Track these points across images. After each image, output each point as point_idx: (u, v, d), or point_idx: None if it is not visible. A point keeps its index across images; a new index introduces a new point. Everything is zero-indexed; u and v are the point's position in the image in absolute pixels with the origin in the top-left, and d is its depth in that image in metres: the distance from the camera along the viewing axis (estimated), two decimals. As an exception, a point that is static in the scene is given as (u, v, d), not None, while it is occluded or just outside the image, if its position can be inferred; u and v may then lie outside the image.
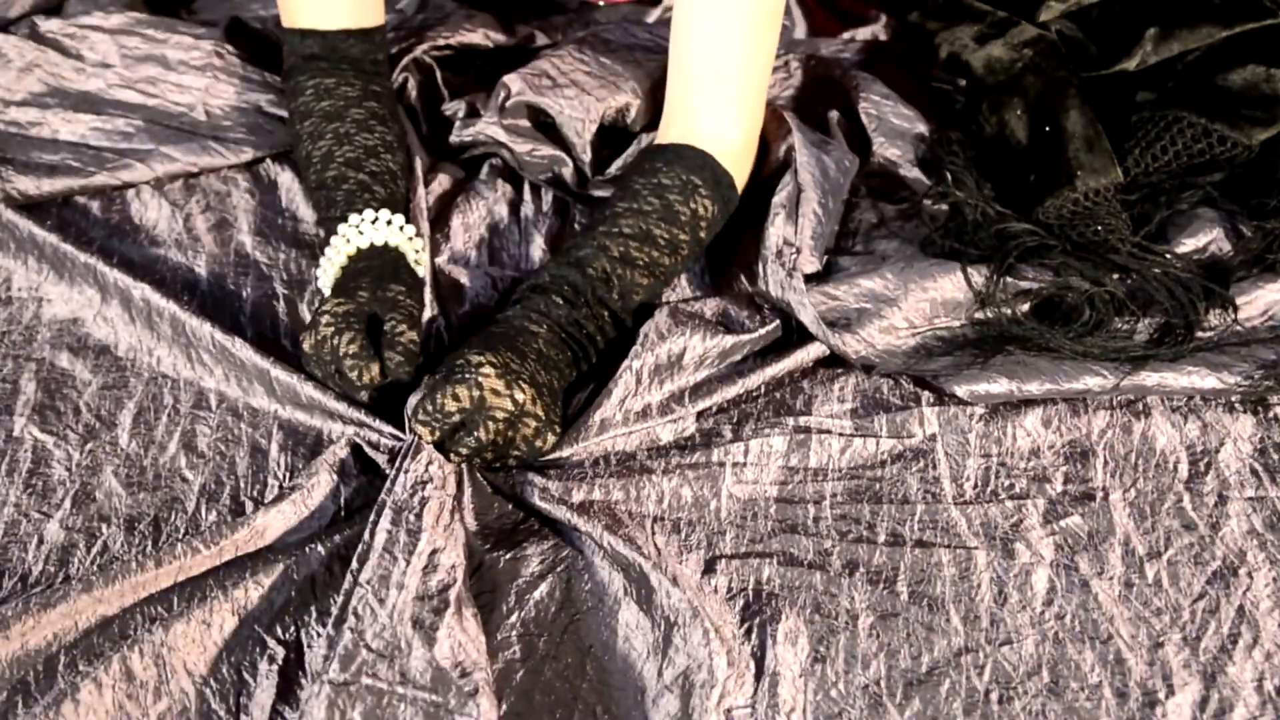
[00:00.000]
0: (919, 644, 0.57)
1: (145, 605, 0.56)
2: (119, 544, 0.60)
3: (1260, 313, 0.72)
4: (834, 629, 0.57)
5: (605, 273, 0.68)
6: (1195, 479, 0.65)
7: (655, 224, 0.71)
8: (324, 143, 0.76)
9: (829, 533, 0.61)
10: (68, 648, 0.54)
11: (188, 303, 0.71)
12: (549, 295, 0.67)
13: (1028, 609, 0.58)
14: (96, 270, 0.72)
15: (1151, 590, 0.59)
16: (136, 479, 0.64)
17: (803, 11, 1.02)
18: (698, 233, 0.72)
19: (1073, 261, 0.73)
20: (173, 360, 0.70)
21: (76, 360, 0.70)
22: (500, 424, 0.61)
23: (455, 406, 0.60)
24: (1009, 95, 0.84)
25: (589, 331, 0.68)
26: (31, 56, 0.89)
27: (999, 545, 0.61)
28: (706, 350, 0.68)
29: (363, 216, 0.71)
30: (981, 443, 0.66)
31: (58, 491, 0.63)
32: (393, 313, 0.65)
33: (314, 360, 0.65)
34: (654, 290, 0.72)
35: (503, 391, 0.61)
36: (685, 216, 0.72)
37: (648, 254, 0.70)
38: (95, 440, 0.66)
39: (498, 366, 0.61)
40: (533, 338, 0.65)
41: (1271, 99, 0.79)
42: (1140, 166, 0.79)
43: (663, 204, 0.71)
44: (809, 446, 0.65)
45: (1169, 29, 0.83)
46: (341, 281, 0.69)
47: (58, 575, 0.59)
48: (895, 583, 0.59)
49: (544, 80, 0.83)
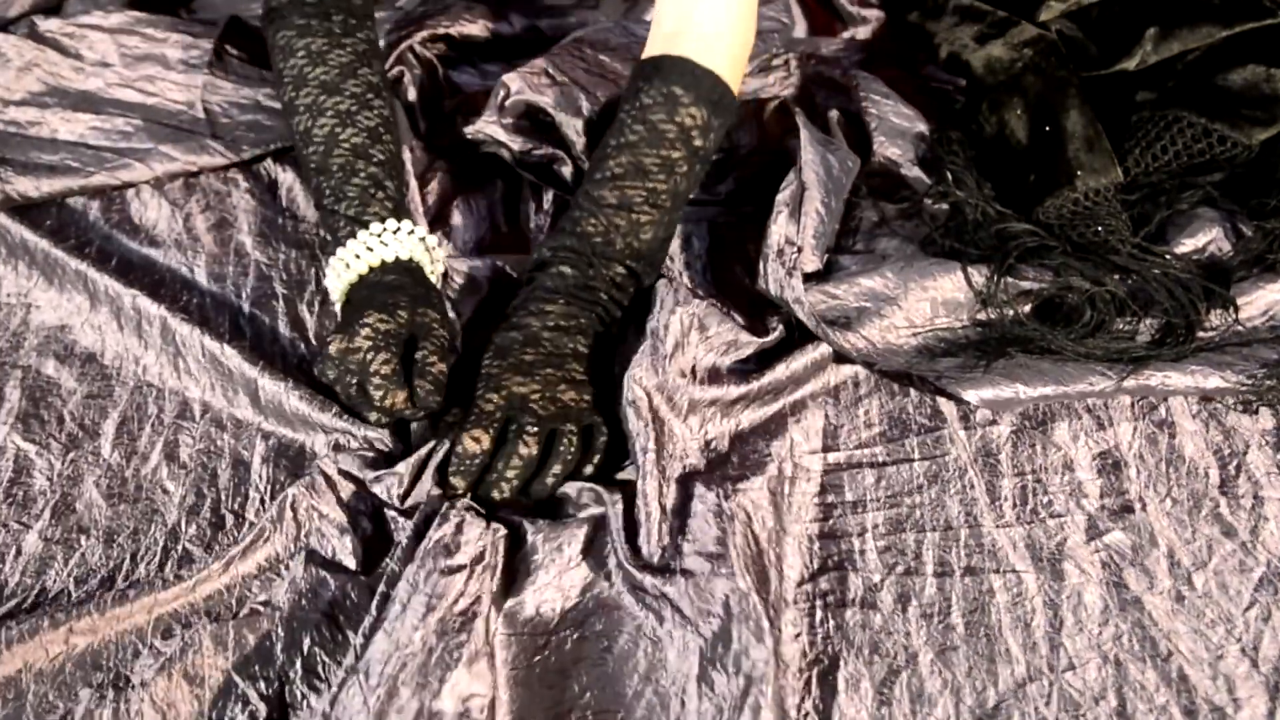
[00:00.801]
0: (982, 677, 0.56)
1: (124, 638, 0.55)
2: (97, 556, 0.60)
3: (1261, 313, 0.72)
4: (895, 669, 0.56)
5: (603, 227, 0.68)
6: (1228, 484, 0.64)
7: (644, 153, 0.70)
8: (325, 121, 0.74)
9: (876, 567, 0.61)
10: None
11: (186, 303, 0.71)
12: (552, 269, 0.67)
13: (1084, 631, 0.58)
14: (87, 277, 0.72)
15: (1203, 602, 0.59)
16: (118, 490, 0.64)
17: (803, 11, 1.02)
18: (691, 144, 0.71)
19: (1073, 262, 0.72)
20: (159, 369, 0.69)
21: (63, 368, 0.70)
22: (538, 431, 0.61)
23: (478, 448, 0.60)
24: (1009, 95, 0.84)
25: (603, 291, 0.68)
26: (31, 56, 0.89)
27: (1047, 567, 0.60)
28: (718, 332, 0.68)
29: (385, 226, 0.69)
30: (1013, 460, 0.66)
31: (38, 502, 0.63)
32: (426, 341, 0.65)
33: (337, 365, 0.63)
34: (665, 219, 0.71)
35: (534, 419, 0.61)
36: (673, 133, 0.70)
37: (644, 187, 0.69)
38: (78, 450, 0.66)
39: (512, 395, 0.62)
40: (545, 319, 0.65)
41: (1271, 99, 0.79)
42: (1140, 166, 0.79)
43: (647, 128, 0.70)
44: (842, 482, 0.65)
45: (1169, 29, 0.83)
46: (365, 295, 0.67)
47: (34, 587, 0.59)
48: (949, 614, 0.59)
49: (543, 79, 0.83)
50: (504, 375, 0.64)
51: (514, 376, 0.64)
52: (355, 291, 0.68)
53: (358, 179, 0.72)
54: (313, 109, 0.74)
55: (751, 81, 0.92)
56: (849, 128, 0.85)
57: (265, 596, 0.58)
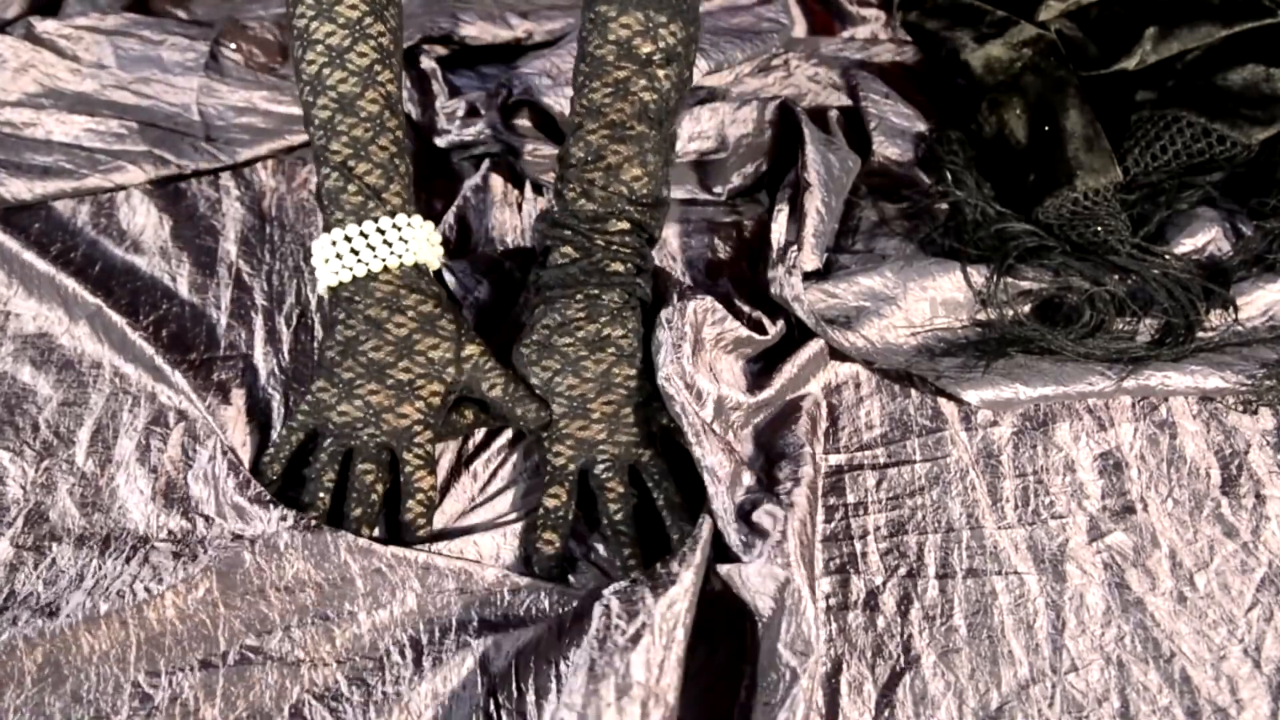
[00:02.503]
0: (985, 679, 0.56)
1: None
2: (66, 559, 0.60)
3: (1261, 312, 0.72)
4: (897, 671, 0.56)
5: (581, 188, 0.64)
6: (1229, 484, 0.64)
7: (591, 88, 0.64)
8: (325, 100, 0.65)
9: (878, 569, 0.61)
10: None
11: (165, 313, 0.70)
12: (553, 254, 0.66)
13: (1087, 632, 0.58)
14: (63, 286, 0.72)
15: (1205, 603, 0.59)
16: (91, 499, 0.63)
17: (802, 11, 1.02)
18: (637, 55, 0.63)
19: (1073, 262, 0.72)
20: (138, 376, 0.69)
21: (39, 375, 0.70)
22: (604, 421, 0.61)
23: (559, 501, 0.60)
24: (1008, 95, 0.84)
25: (613, 261, 0.64)
26: (27, 57, 0.88)
27: (1049, 568, 0.60)
28: (723, 332, 0.67)
29: (394, 222, 0.65)
30: (1015, 462, 0.65)
31: (10, 510, 0.62)
32: (408, 445, 0.62)
33: (277, 462, 0.62)
34: (644, 147, 0.65)
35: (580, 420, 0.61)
36: (612, 54, 0.63)
37: (604, 123, 0.64)
38: (52, 457, 0.65)
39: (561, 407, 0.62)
40: (573, 331, 0.64)
41: (1271, 98, 0.79)
42: (1140, 166, 0.79)
43: (588, 61, 0.64)
44: (844, 484, 0.65)
45: (1168, 28, 0.83)
46: (363, 335, 0.63)
47: (3, 590, 0.58)
48: (952, 616, 0.58)
49: (543, 79, 0.83)
50: (562, 422, 0.63)
51: (574, 422, 0.63)
52: (348, 315, 0.64)
53: (380, 157, 0.65)
54: (315, 84, 0.66)
55: (751, 81, 0.92)
56: (849, 127, 0.85)
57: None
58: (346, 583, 0.57)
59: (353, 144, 0.64)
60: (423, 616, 0.57)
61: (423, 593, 0.57)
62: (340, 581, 0.57)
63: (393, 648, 0.56)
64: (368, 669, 0.55)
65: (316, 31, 0.64)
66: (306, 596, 0.57)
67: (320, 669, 0.55)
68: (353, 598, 0.57)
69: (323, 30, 0.64)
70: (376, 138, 0.64)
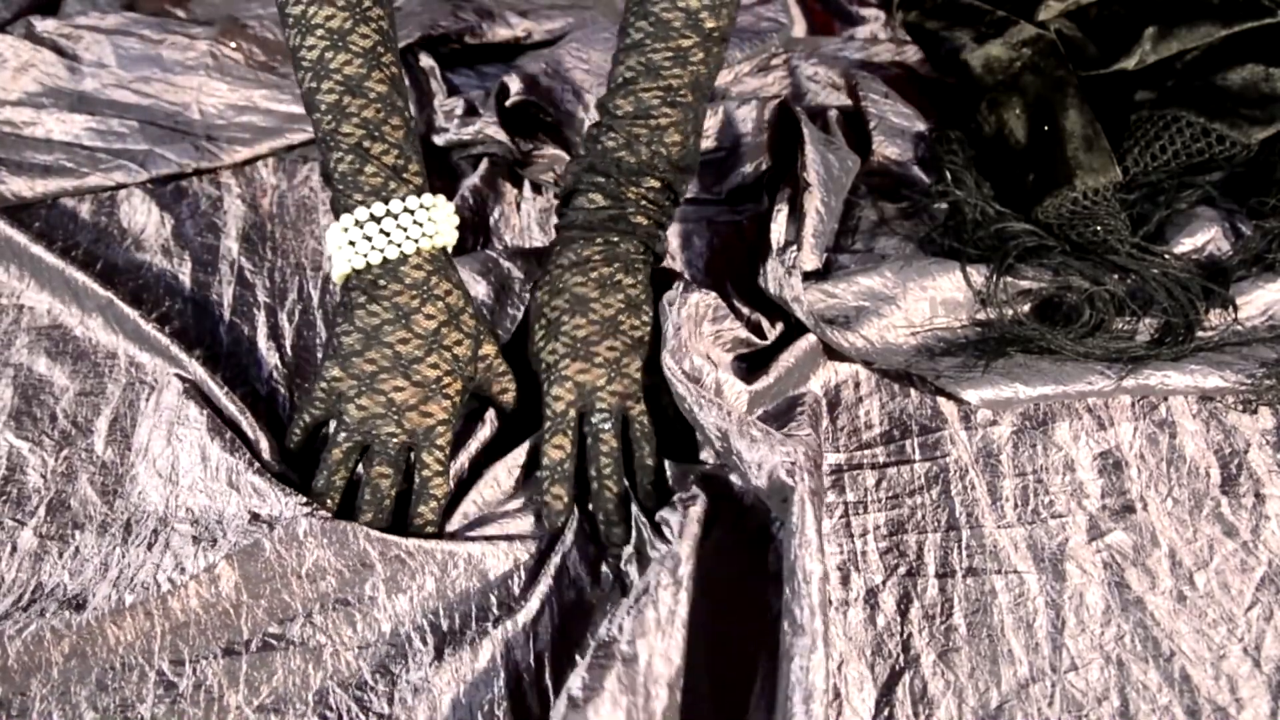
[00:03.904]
0: (984, 678, 0.56)
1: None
2: (89, 547, 0.60)
3: (1260, 312, 0.72)
4: (897, 670, 0.56)
5: (624, 140, 0.65)
6: (1229, 483, 0.64)
7: (653, 50, 0.65)
8: (331, 84, 0.64)
9: (878, 568, 0.61)
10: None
11: (169, 310, 0.70)
12: (580, 198, 0.66)
13: (1087, 631, 0.58)
14: (72, 280, 0.72)
15: (1205, 602, 0.59)
16: (112, 487, 0.63)
17: (802, 10, 1.02)
18: (703, 27, 0.65)
19: (1072, 261, 0.72)
20: (154, 365, 0.69)
21: (55, 366, 0.70)
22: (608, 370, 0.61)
23: (563, 454, 0.60)
24: (1008, 94, 0.84)
25: (639, 215, 0.65)
26: (27, 56, 0.88)
27: (1049, 567, 0.60)
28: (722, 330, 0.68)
29: (421, 201, 0.62)
30: (1014, 461, 0.65)
31: (32, 499, 0.62)
32: (428, 447, 0.61)
33: (299, 440, 0.63)
34: (689, 116, 0.67)
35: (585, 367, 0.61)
36: (679, 20, 0.64)
37: (659, 87, 0.65)
38: (71, 447, 0.65)
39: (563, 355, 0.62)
40: (587, 271, 0.64)
41: (1270, 98, 0.79)
42: (1139, 166, 0.79)
43: (650, 21, 0.65)
44: (843, 483, 0.65)
45: (1168, 28, 0.83)
46: (385, 326, 0.62)
47: (30, 582, 0.58)
48: (951, 615, 0.58)
49: (543, 79, 0.83)
50: (564, 363, 0.63)
51: (574, 364, 0.63)
52: (371, 300, 0.62)
53: (394, 137, 0.64)
54: (317, 70, 0.65)
55: (751, 81, 0.92)
56: (849, 127, 0.85)
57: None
58: (366, 568, 0.58)
59: (365, 125, 0.62)
60: (442, 601, 0.57)
61: (441, 577, 0.58)
62: (360, 567, 0.58)
63: (414, 634, 0.56)
64: (390, 656, 0.56)
65: (315, 16, 0.63)
66: (327, 584, 0.57)
67: (343, 655, 0.55)
68: (373, 583, 0.57)
69: (321, 14, 0.63)
70: (389, 118, 0.63)
